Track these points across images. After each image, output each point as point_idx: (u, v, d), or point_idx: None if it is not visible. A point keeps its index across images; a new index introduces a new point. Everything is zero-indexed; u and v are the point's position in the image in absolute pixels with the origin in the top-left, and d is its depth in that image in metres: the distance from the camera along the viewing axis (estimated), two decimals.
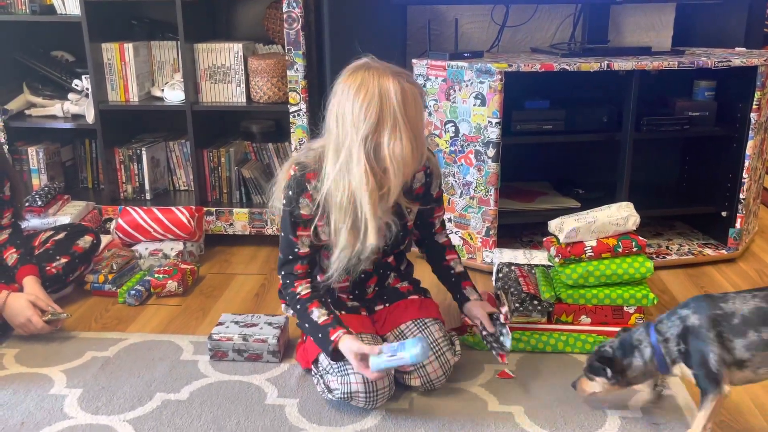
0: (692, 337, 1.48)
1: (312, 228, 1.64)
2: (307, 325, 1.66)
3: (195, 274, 2.42)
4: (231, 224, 2.70)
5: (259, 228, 2.69)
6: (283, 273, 1.71)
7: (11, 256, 2.09)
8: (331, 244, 1.65)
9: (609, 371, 1.56)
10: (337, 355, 1.61)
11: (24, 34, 2.78)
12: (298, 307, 1.67)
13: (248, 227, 2.69)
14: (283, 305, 1.89)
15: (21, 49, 2.79)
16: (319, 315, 1.64)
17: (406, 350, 1.53)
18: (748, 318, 1.45)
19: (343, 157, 1.51)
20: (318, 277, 1.74)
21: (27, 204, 2.53)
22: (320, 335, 1.62)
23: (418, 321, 1.78)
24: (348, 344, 1.58)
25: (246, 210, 2.68)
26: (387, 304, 1.83)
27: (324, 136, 1.58)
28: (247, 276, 2.50)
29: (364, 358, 1.57)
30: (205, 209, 2.68)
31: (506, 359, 1.76)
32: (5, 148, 2.51)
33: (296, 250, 1.67)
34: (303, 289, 1.68)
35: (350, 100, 1.48)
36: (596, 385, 1.60)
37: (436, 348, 1.73)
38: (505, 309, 1.82)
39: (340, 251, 1.61)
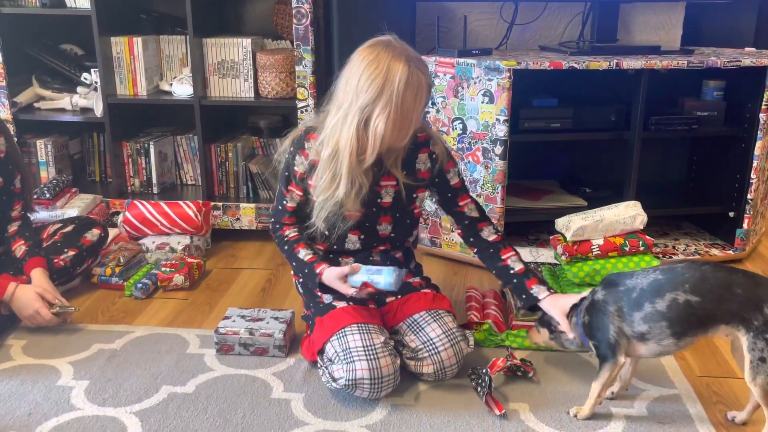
0: (595, 311, 1.58)
1: (303, 187, 1.77)
2: (294, 263, 1.81)
3: (201, 268, 2.43)
4: (238, 219, 2.71)
5: (266, 223, 2.69)
6: (272, 219, 1.87)
7: (20, 248, 2.10)
8: (313, 193, 1.75)
9: (550, 328, 1.73)
10: (324, 288, 1.74)
11: (34, 27, 2.79)
12: (286, 247, 1.82)
13: (255, 222, 2.70)
14: (297, 284, 1.94)
15: (31, 42, 2.80)
16: (305, 254, 1.79)
17: (383, 276, 1.68)
18: (645, 291, 1.51)
19: (339, 115, 1.63)
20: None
21: (35, 196, 2.54)
22: (306, 270, 1.77)
23: (432, 311, 1.79)
24: (330, 272, 1.72)
25: (253, 205, 2.69)
26: (399, 296, 1.84)
27: (332, 99, 1.70)
28: (254, 271, 2.50)
29: (346, 280, 1.70)
30: (212, 204, 2.69)
31: (502, 410, 1.66)
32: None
33: (285, 202, 1.81)
34: (291, 232, 1.83)
35: (360, 69, 1.59)
36: (539, 337, 1.77)
37: (451, 336, 1.74)
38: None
39: (318, 196, 1.71)
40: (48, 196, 2.56)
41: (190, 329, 2.05)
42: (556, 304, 1.73)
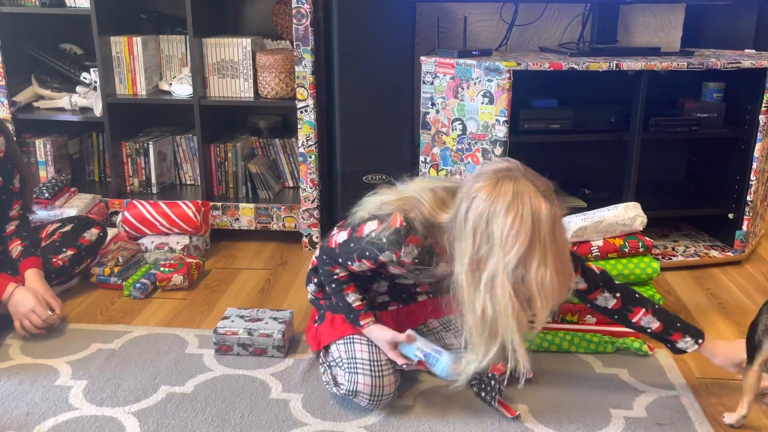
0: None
1: (376, 266, 1.60)
2: (340, 304, 1.68)
3: (200, 268, 2.42)
4: (237, 219, 2.71)
5: (265, 223, 2.69)
6: (325, 256, 1.66)
7: (15, 248, 2.09)
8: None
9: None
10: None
11: (33, 26, 2.79)
12: (334, 285, 1.67)
13: (254, 222, 2.70)
14: (310, 287, 1.82)
15: (30, 41, 2.80)
16: (354, 299, 1.66)
17: (440, 361, 1.56)
18: None
19: (486, 277, 1.35)
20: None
21: (34, 196, 2.54)
22: (351, 317, 1.68)
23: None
24: (378, 332, 1.64)
25: (252, 205, 2.69)
26: (431, 295, 1.78)
27: (448, 219, 1.45)
28: (253, 271, 2.50)
29: (395, 345, 1.62)
30: (212, 204, 2.69)
31: (515, 413, 1.65)
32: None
33: (350, 263, 1.60)
34: (341, 272, 1.65)
35: (499, 216, 1.32)
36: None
37: None
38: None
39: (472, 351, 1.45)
40: (47, 195, 2.55)
41: (188, 329, 2.05)
42: (715, 354, 1.65)
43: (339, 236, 1.63)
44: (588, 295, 1.67)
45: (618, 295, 1.66)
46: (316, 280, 1.81)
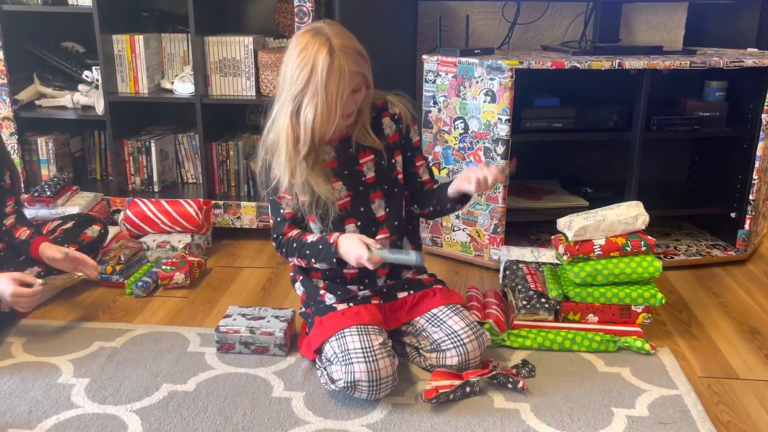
0: None
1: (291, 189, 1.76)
2: (307, 251, 1.76)
3: (202, 266, 2.42)
4: (238, 217, 2.70)
5: (266, 222, 2.69)
6: (274, 236, 1.83)
7: (24, 233, 2.11)
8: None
9: None
10: (341, 263, 1.72)
11: (35, 24, 2.78)
12: (294, 245, 1.78)
13: (255, 221, 2.70)
14: (297, 284, 1.90)
15: (32, 39, 2.79)
16: (314, 237, 1.77)
17: (411, 253, 1.70)
18: None
19: (278, 105, 1.68)
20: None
21: (36, 194, 2.54)
22: (321, 247, 1.73)
23: (450, 305, 1.80)
24: (348, 241, 1.69)
25: (254, 203, 2.69)
26: (411, 291, 1.85)
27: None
28: (254, 269, 2.50)
29: (367, 248, 1.66)
30: (213, 202, 2.68)
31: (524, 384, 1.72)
32: (3, 137, 2.49)
33: (281, 210, 1.79)
34: (293, 231, 1.80)
35: (292, 59, 1.62)
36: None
37: (474, 329, 1.76)
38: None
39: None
40: (49, 193, 2.55)
41: (190, 327, 2.05)
42: (462, 179, 1.74)
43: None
44: (425, 186, 1.87)
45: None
46: (301, 278, 1.88)
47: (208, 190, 2.75)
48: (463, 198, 1.80)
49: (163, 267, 2.32)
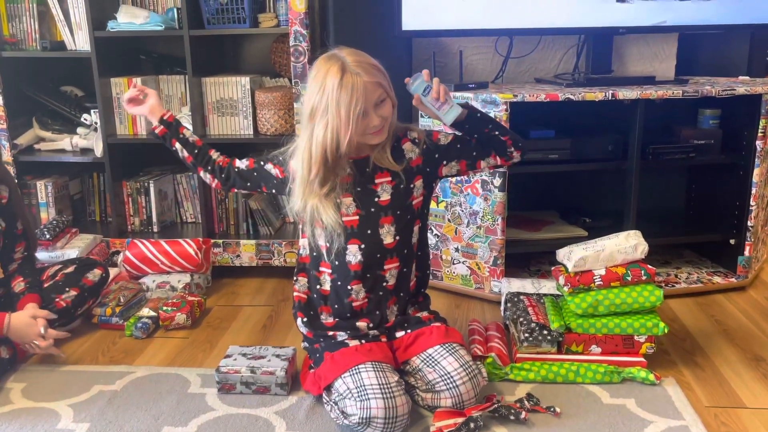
0: None
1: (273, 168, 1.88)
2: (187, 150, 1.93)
3: (202, 306, 2.42)
4: (238, 256, 2.70)
5: (266, 259, 2.69)
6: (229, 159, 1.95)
7: (18, 285, 2.13)
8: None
9: None
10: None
11: (34, 69, 2.82)
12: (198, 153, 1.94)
13: (255, 258, 2.69)
14: (299, 321, 1.89)
15: (31, 84, 2.83)
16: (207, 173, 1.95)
17: (446, 112, 1.75)
18: None
19: (302, 128, 1.74)
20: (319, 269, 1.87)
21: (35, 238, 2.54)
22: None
23: (446, 345, 1.77)
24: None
25: (253, 242, 2.69)
26: (409, 330, 1.83)
27: None
28: (255, 307, 2.49)
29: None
30: (213, 241, 2.69)
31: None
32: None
33: (244, 159, 1.93)
34: (221, 159, 1.95)
35: (308, 85, 1.71)
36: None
37: (469, 370, 1.72)
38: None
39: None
40: (48, 236, 2.56)
41: (191, 368, 2.04)
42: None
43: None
44: (477, 152, 1.84)
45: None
46: (304, 318, 1.87)
47: (208, 229, 2.75)
48: (460, 122, 1.78)
49: (163, 308, 2.31)
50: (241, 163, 1.92)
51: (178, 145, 1.93)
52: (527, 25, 2.61)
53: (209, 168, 1.93)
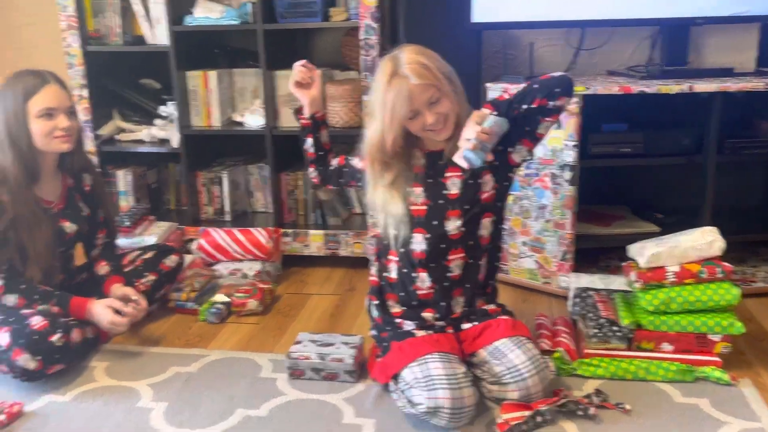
0: None
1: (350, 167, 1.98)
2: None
3: (273, 293, 2.48)
4: (307, 245, 2.76)
5: (334, 249, 2.73)
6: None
7: (103, 268, 2.23)
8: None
9: None
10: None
11: (115, 63, 2.93)
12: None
13: (323, 248, 2.74)
14: (371, 306, 1.95)
15: (112, 77, 2.94)
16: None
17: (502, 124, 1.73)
18: None
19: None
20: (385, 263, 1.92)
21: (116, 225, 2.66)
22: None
23: (514, 338, 1.77)
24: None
25: (322, 232, 2.74)
26: (475, 323, 1.85)
27: None
28: (323, 296, 2.54)
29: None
30: (282, 230, 2.75)
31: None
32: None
33: (348, 159, 2.01)
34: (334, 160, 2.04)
35: (374, 80, 1.78)
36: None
37: (536, 363, 1.72)
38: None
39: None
40: (128, 223, 2.67)
41: (262, 353, 2.10)
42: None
43: None
44: (536, 118, 1.75)
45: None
46: (375, 302, 1.92)
47: (278, 218, 2.82)
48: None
49: (236, 294, 2.39)
50: (335, 161, 2.03)
51: (309, 141, 2.02)
52: (600, 16, 2.56)
53: (320, 168, 2.04)
